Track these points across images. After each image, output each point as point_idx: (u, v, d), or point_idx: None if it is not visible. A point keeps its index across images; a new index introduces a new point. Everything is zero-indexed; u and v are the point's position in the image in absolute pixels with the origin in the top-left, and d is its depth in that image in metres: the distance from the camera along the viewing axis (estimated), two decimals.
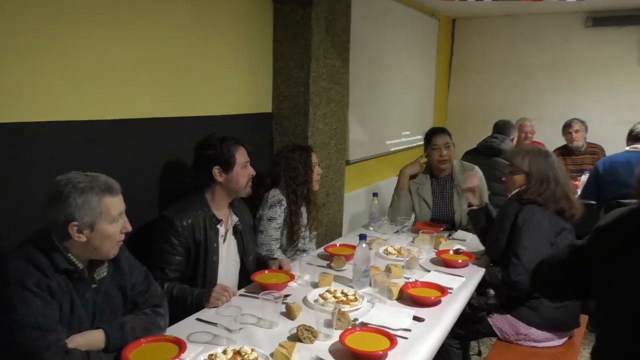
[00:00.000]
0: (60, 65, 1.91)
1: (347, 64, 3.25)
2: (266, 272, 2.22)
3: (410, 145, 5.01)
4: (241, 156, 2.23)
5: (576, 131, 4.52)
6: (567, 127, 4.59)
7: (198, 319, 1.84)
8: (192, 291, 2.00)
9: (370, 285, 2.15)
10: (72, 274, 1.49)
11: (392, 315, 1.92)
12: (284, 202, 2.57)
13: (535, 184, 2.35)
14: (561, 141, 4.80)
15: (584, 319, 2.50)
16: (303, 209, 2.66)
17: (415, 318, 1.91)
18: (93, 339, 1.49)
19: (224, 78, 2.70)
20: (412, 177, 3.31)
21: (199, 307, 1.94)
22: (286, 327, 1.81)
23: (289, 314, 1.89)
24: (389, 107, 4.59)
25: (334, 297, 2.01)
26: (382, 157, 4.55)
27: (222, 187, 2.22)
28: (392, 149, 4.69)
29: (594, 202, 3.51)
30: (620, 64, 5.39)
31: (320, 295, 2.02)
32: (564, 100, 5.65)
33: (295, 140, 2.96)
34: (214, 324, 1.74)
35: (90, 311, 1.54)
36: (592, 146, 4.58)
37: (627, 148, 3.60)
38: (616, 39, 5.36)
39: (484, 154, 3.68)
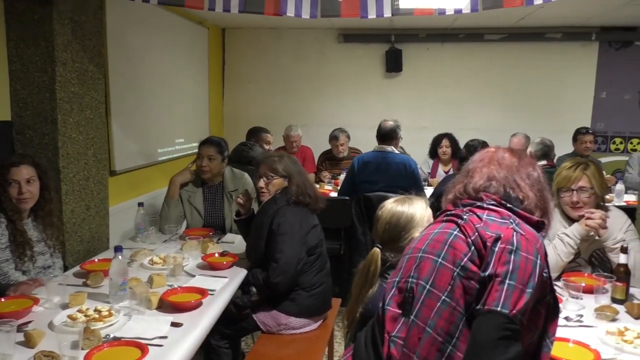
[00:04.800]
0: None
1: (102, 69, 3.07)
2: (2, 300, 1.97)
3: (185, 153, 4.96)
4: None
5: (341, 144, 5.06)
6: (334, 139, 5.08)
7: None
8: None
9: (128, 298, 2.08)
10: None
11: (149, 325, 1.88)
12: (2, 219, 2.28)
13: (295, 186, 2.56)
14: (326, 144, 5.33)
15: (336, 301, 2.81)
16: (30, 222, 2.40)
17: (174, 324, 1.91)
18: None
19: None
20: (184, 185, 3.31)
21: None
22: (23, 357, 1.63)
23: (28, 342, 1.70)
24: (160, 115, 4.48)
25: (85, 315, 1.88)
26: (155, 166, 4.42)
27: None
28: (166, 157, 4.59)
29: (347, 198, 3.96)
30: (368, 75, 6.21)
31: (69, 316, 1.87)
32: (326, 108, 6.26)
33: (43, 152, 2.69)
34: None
35: None
36: (353, 151, 5.16)
37: (376, 147, 4.03)
38: (364, 54, 6.16)
39: (236, 162, 3.76)
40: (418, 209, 1.85)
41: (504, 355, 1.16)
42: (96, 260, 2.56)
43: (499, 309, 1.18)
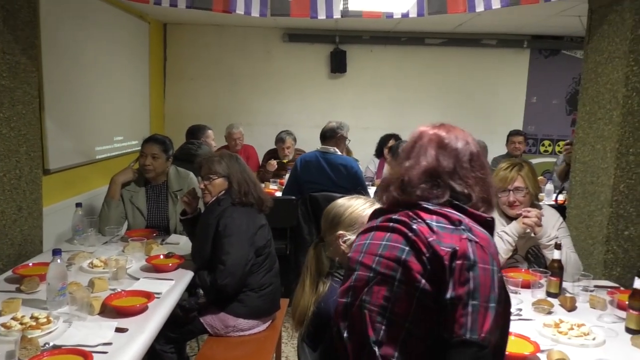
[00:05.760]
0: None
1: (35, 62, 2.89)
2: None
3: (124, 152, 4.78)
4: None
5: (287, 147, 5.04)
6: (280, 142, 5.06)
7: None
8: None
9: (68, 303, 1.98)
10: None
11: (92, 331, 1.80)
12: None
13: (237, 186, 2.52)
14: (270, 144, 5.30)
15: (284, 302, 2.79)
16: None
17: (119, 329, 1.83)
18: None
19: None
20: (126, 184, 3.19)
21: None
22: None
23: None
24: (98, 112, 4.28)
25: (21, 323, 1.77)
26: (92, 165, 4.22)
27: None
28: (104, 156, 4.40)
29: (293, 197, 3.96)
30: (313, 75, 6.23)
31: (3, 325, 1.76)
32: (271, 107, 6.23)
33: None
34: None
35: None
36: (298, 152, 5.15)
37: (318, 147, 4.06)
38: (309, 54, 6.17)
39: (183, 161, 3.64)
40: (352, 207, 1.75)
41: None
42: (30, 264, 2.42)
43: (468, 336, 1.12)
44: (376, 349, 1.20)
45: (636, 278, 1.88)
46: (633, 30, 2.49)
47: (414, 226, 1.23)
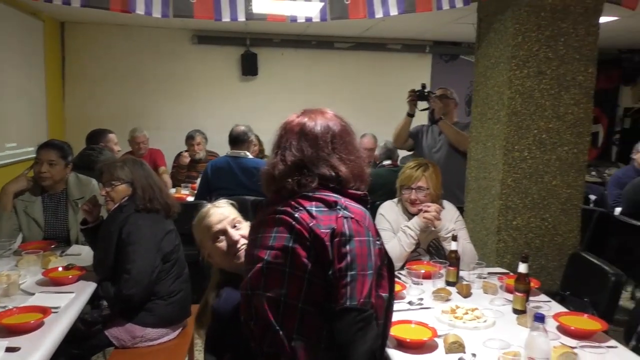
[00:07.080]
0: None
1: None
2: None
3: (18, 159, 4.45)
4: None
5: (198, 144, 4.96)
6: (190, 139, 4.97)
7: None
8: None
9: None
10: None
11: None
12: None
13: (142, 192, 2.44)
14: (180, 148, 5.18)
15: (195, 308, 2.73)
16: None
17: (9, 349, 1.71)
18: None
19: None
20: (19, 194, 2.97)
21: None
22: None
23: None
24: None
25: None
26: None
27: None
28: None
29: (204, 202, 3.87)
30: (224, 78, 6.17)
31: None
32: (181, 110, 6.07)
33: None
34: None
35: None
36: (210, 154, 5.07)
37: (228, 152, 3.96)
38: (220, 57, 6.11)
39: (84, 168, 3.37)
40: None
41: (365, 345, 1.24)
42: None
43: (348, 304, 1.24)
44: (278, 330, 1.31)
45: (520, 263, 2.06)
46: (514, 37, 2.73)
47: (296, 215, 1.34)
